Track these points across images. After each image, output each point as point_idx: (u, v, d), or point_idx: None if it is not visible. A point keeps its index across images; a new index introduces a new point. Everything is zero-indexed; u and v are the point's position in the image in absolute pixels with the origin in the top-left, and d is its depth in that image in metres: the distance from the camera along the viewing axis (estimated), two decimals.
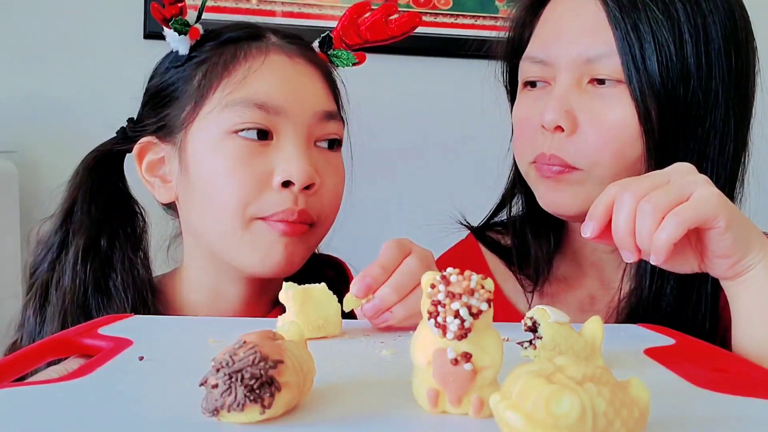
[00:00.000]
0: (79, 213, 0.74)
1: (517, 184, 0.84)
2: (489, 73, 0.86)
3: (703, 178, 0.56)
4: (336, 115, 0.74)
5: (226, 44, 0.73)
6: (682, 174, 0.56)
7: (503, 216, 0.88)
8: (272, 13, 1.48)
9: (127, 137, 0.77)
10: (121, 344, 0.49)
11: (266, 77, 0.70)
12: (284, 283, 0.55)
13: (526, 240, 0.83)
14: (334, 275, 0.81)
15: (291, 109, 0.70)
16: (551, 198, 0.74)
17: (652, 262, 0.55)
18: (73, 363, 0.50)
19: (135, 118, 0.78)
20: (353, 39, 0.79)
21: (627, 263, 0.71)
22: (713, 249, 0.56)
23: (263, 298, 0.76)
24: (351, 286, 0.55)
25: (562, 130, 0.71)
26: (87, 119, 1.39)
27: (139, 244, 0.77)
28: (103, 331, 0.53)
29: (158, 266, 0.81)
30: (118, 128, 0.79)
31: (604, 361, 0.47)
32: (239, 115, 0.68)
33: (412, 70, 1.54)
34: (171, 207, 0.78)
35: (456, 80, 1.44)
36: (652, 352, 0.51)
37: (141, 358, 0.45)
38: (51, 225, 0.75)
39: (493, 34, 0.85)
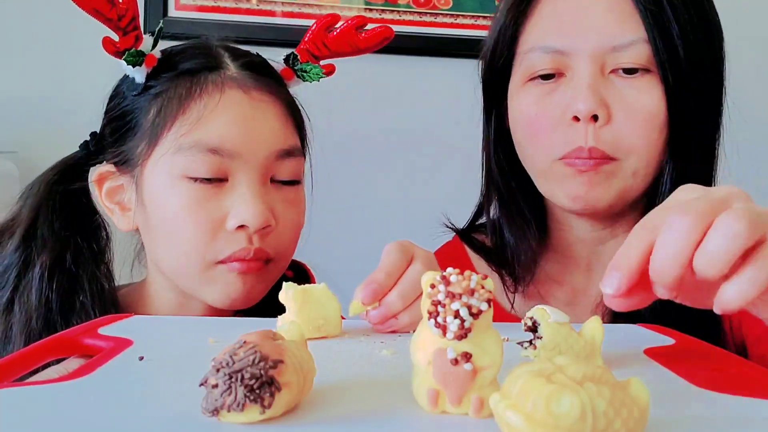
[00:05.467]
0: (43, 230, 0.72)
1: (491, 186, 0.83)
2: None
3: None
4: (295, 151, 0.73)
5: (182, 75, 0.71)
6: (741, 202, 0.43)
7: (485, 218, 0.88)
8: (272, 13, 1.48)
9: (90, 152, 0.77)
10: (121, 344, 0.49)
11: (221, 117, 0.69)
12: (284, 283, 0.55)
13: (505, 241, 0.82)
14: (293, 276, 0.82)
15: (246, 151, 0.69)
16: (584, 192, 0.71)
17: (716, 311, 0.42)
18: (73, 363, 0.50)
19: (98, 133, 0.78)
20: (321, 51, 0.76)
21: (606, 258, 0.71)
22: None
23: (226, 312, 0.76)
24: (356, 292, 0.55)
25: (595, 121, 0.70)
26: (87, 120, 1.39)
27: (102, 258, 0.76)
28: (103, 331, 0.53)
29: (123, 278, 0.80)
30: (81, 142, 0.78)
31: (604, 361, 0.47)
32: (192, 160, 0.68)
33: (412, 70, 1.54)
34: None
35: (455, 80, 1.44)
36: (652, 352, 0.51)
37: (141, 358, 0.45)
38: (11, 243, 0.72)
39: None
